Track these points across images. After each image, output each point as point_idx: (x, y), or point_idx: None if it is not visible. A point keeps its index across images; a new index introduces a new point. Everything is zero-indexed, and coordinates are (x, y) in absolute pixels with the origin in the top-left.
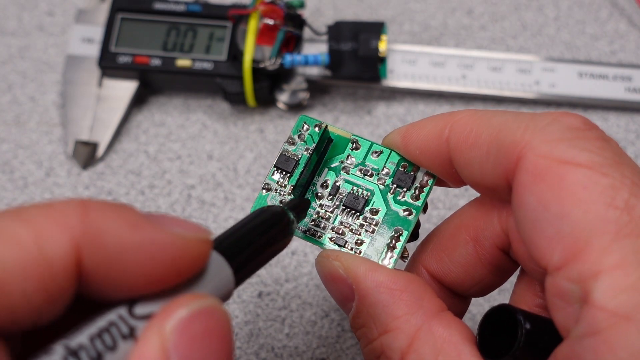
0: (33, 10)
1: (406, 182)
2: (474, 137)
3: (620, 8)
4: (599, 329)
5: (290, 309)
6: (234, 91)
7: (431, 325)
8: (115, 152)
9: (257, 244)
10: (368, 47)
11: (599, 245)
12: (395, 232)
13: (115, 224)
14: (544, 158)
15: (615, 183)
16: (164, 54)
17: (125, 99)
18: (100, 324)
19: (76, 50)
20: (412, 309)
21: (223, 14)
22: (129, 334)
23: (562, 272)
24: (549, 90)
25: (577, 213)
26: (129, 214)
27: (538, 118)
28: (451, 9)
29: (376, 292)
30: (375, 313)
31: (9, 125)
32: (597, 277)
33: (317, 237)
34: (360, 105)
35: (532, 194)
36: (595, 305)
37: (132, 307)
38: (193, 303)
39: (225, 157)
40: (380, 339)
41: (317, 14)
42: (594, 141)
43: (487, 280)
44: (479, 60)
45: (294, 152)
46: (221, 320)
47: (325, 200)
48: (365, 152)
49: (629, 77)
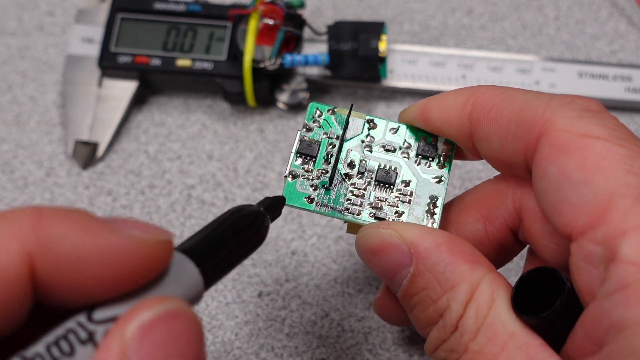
0: (33, 10)
1: (430, 152)
2: (495, 112)
3: (620, 8)
4: (629, 283)
5: (290, 309)
6: (234, 91)
7: (490, 278)
8: (115, 152)
9: (228, 244)
10: (368, 47)
11: (622, 208)
12: (430, 199)
13: (69, 230)
14: (565, 132)
15: (632, 153)
16: (164, 54)
17: (125, 99)
18: (58, 332)
19: (76, 50)
20: (473, 264)
21: (223, 14)
22: (88, 338)
23: (587, 236)
24: (549, 90)
25: (598, 180)
26: (83, 219)
27: (558, 98)
28: (451, 9)
29: (437, 252)
30: (438, 271)
31: (9, 125)
32: (623, 236)
33: (357, 214)
34: (360, 105)
35: (555, 165)
36: (623, 261)
37: (91, 312)
38: (156, 307)
39: (225, 157)
40: (447, 294)
41: (317, 14)
42: (609, 119)
43: (491, 258)
44: (479, 60)
45: (313, 137)
46: (187, 323)
47: (355, 179)
48: (384, 129)
49: (629, 77)
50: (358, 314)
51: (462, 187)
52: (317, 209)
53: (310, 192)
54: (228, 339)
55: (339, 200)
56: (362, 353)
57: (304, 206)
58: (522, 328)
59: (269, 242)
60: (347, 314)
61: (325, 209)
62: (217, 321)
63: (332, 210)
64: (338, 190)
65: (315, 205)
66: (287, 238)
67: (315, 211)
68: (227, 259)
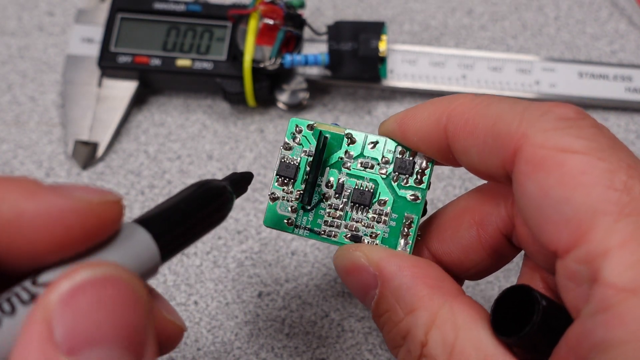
0: (33, 10)
1: (407, 168)
2: (471, 125)
3: (621, 8)
4: (610, 305)
5: (290, 309)
6: (234, 91)
7: (452, 305)
8: (115, 152)
9: (187, 218)
10: (368, 47)
11: (603, 226)
12: (406, 219)
13: (12, 193)
14: (542, 148)
15: (612, 167)
16: (164, 54)
17: (125, 99)
18: (5, 295)
19: (76, 50)
20: (434, 290)
21: (223, 14)
22: (29, 299)
23: (570, 255)
24: (549, 90)
25: (579, 197)
26: (28, 184)
27: (533, 108)
28: (451, 9)
29: (399, 275)
30: (399, 295)
31: (9, 125)
32: (604, 257)
33: (332, 236)
34: (360, 105)
35: (534, 182)
36: (604, 283)
37: (36, 276)
38: (84, 271)
39: (225, 157)
40: (406, 318)
41: (317, 14)
42: (588, 129)
43: (484, 263)
44: (479, 60)
45: (292, 156)
46: (120, 289)
47: (333, 199)
48: (362, 144)
49: (629, 77)
50: (358, 314)
51: (462, 187)
52: (297, 232)
53: (289, 215)
54: (228, 339)
55: (317, 221)
56: (362, 353)
57: (284, 229)
58: (497, 349)
59: (269, 243)
60: (347, 314)
61: (304, 231)
62: (217, 321)
63: (310, 232)
64: (317, 211)
65: (295, 228)
66: (287, 238)
67: (296, 233)
68: (186, 233)
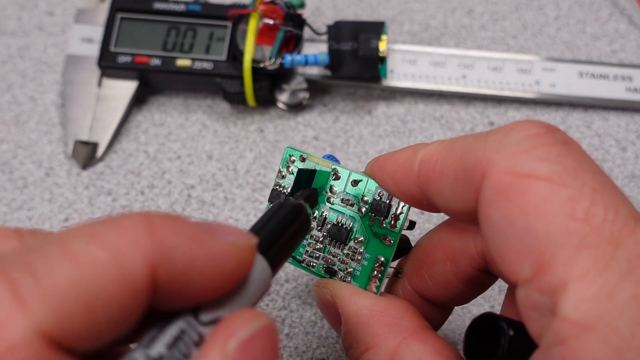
0: (33, 10)
1: (381, 211)
2: (441, 165)
3: (621, 8)
4: (565, 339)
5: (290, 309)
6: (233, 91)
7: (409, 343)
8: (115, 152)
9: (285, 239)
10: (368, 47)
11: (564, 258)
12: (377, 260)
13: (181, 239)
14: (505, 174)
15: (575, 193)
16: (164, 54)
17: (125, 99)
18: (173, 332)
19: (76, 50)
20: (390, 328)
21: (223, 14)
22: (199, 340)
23: (532, 285)
24: (550, 90)
25: (540, 226)
26: (190, 228)
27: (495, 132)
28: (451, 9)
29: (358, 314)
30: (357, 333)
31: (9, 125)
32: (563, 289)
33: (311, 266)
34: (360, 105)
35: (497, 210)
36: (560, 317)
37: (197, 314)
38: (253, 322)
39: (225, 157)
40: (363, 356)
41: (317, 13)
42: (553, 147)
43: (466, 293)
44: (479, 60)
45: (285, 185)
46: (275, 337)
47: (315, 231)
48: (345, 181)
49: (629, 77)
50: None
51: None
52: None
53: None
54: None
55: (299, 250)
56: None
57: None
58: None
59: None
60: None
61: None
62: None
63: (292, 259)
64: None
65: None
66: None
67: None
68: (287, 253)
